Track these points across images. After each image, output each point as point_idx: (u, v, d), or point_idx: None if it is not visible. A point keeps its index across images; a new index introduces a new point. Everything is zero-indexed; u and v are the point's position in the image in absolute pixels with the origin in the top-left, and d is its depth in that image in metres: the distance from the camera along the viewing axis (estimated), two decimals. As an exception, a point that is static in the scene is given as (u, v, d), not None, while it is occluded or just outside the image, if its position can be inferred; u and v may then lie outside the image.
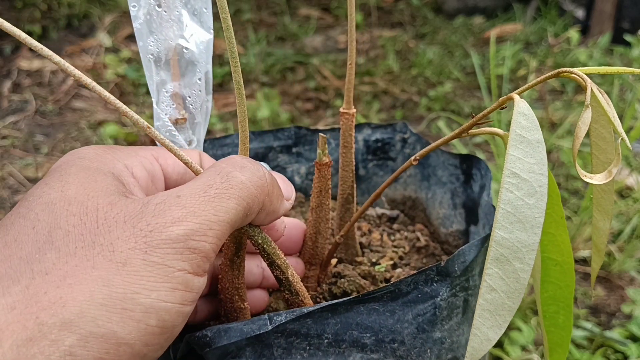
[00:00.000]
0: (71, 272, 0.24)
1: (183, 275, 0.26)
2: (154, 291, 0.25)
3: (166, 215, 0.26)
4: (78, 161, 0.30)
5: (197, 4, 0.37)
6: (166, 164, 0.34)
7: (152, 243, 0.25)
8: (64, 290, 0.24)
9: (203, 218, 0.27)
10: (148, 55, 0.37)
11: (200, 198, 0.27)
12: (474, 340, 0.31)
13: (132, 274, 0.25)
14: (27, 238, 0.26)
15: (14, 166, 1.58)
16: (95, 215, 0.26)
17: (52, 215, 0.26)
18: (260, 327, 0.30)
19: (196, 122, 0.41)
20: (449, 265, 0.34)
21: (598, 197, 0.35)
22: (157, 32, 0.36)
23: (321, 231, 0.40)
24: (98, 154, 0.31)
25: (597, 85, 0.30)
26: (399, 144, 0.55)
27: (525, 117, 0.30)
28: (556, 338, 0.36)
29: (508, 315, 0.30)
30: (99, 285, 0.24)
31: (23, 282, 0.24)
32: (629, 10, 2.11)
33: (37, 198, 0.28)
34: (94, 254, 0.25)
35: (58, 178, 0.29)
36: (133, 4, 0.35)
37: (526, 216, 0.30)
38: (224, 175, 0.29)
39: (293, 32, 2.46)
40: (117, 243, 0.25)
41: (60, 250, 0.25)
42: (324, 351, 0.32)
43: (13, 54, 2.21)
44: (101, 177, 0.29)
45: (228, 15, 0.29)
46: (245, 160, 0.31)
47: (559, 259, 0.34)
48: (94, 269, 0.25)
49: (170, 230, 0.26)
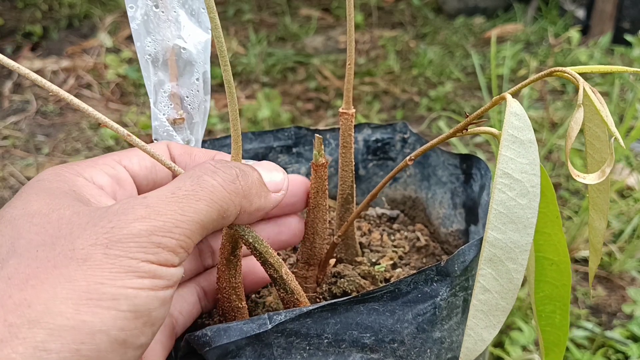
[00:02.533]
0: (33, 274, 0.25)
1: (148, 265, 0.26)
2: (118, 280, 0.25)
3: (128, 213, 0.26)
4: (37, 184, 0.30)
5: (194, 4, 0.37)
6: (131, 163, 0.34)
7: (113, 238, 0.26)
8: (27, 292, 0.24)
9: (168, 217, 0.27)
10: (145, 56, 0.37)
11: (166, 199, 0.28)
12: (468, 340, 0.31)
13: (93, 267, 0.25)
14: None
15: (15, 166, 1.58)
16: (58, 223, 0.27)
17: (15, 228, 0.27)
18: (260, 326, 0.30)
19: (194, 122, 0.41)
20: (449, 265, 0.34)
21: (594, 196, 0.35)
22: (154, 32, 0.36)
23: (319, 231, 0.40)
24: (56, 173, 0.31)
25: (597, 85, 0.30)
26: (399, 144, 0.55)
27: (517, 117, 0.30)
28: (552, 338, 0.36)
29: (502, 316, 0.30)
30: (61, 282, 0.24)
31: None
32: (630, 10, 2.11)
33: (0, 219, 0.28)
34: (54, 255, 0.25)
35: (19, 198, 0.29)
36: (130, 4, 0.35)
37: (519, 216, 0.30)
38: (195, 178, 0.29)
39: (294, 33, 2.46)
40: (77, 242, 0.26)
41: (22, 256, 0.26)
42: (323, 351, 0.32)
43: (14, 54, 2.21)
44: (62, 195, 0.29)
45: (216, 14, 0.29)
46: (218, 164, 0.31)
47: (555, 259, 0.34)
48: (55, 267, 0.25)
49: (133, 226, 0.26)
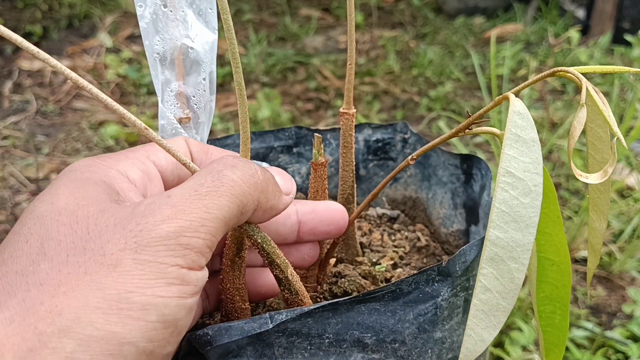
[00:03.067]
0: (64, 280, 0.25)
1: (177, 270, 0.26)
2: (148, 288, 0.25)
3: (156, 214, 0.26)
4: (69, 174, 0.30)
5: (202, 5, 0.37)
6: (158, 158, 0.34)
7: (142, 242, 0.25)
8: (58, 298, 0.24)
9: (194, 215, 0.27)
10: (154, 54, 0.37)
11: (190, 197, 0.27)
12: (468, 340, 0.30)
13: (123, 274, 0.25)
14: (21, 253, 0.26)
15: (15, 166, 1.58)
16: (86, 223, 0.26)
17: (43, 227, 0.27)
18: (261, 326, 0.30)
19: (200, 122, 0.41)
20: (450, 265, 0.34)
21: (594, 197, 0.35)
22: (162, 31, 0.36)
23: (320, 231, 0.40)
24: (88, 164, 0.31)
25: (597, 85, 0.30)
26: (400, 144, 0.55)
27: (520, 116, 0.30)
28: (552, 338, 0.36)
29: (502, 316, 0.30)
30: (92, 289, 0.24)
31: (19, 295, 0.24)
32: (630, 10, 2.11)
33: (29, 213, 0.28)
34: (85, 260, 0.25)
35: (48, 192, 0.29)
36: (139, 3, 0.36)
37: (521, 215, 0.30)
38: (215, 174, 0.29)
39: (294, 33, 2.46)
40: (107, 246, 0.25)
41: (53, 260, 0.25)
42: (325, 351, 0.32)
43: (14, 54, 2.21)
44: (92, 186, 0.29)
45: (229, 16, 0.29)
46: (236, 159, 0.31)
47: (555, 259, 0.34)
48: (86, 274, 0.25)
49: (160, 228, 0.26)
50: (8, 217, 1.40)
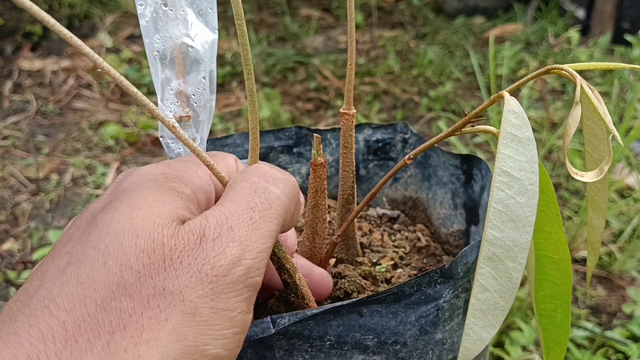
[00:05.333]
0: (147, 326, 0.24)
1: (242, 316, 0.26)
2: (220, 340, 0.25)
3: (227, 254, 0.26)
4: (149, 184, 0.29)
5: (202, 4, 0.37)
6: (217, 181, 0.33)
7: (217, 289, 0.25)
8: (142, 347, 0.24)
9: (256, 251, 0.27)
10: (154, 53, 0.37)
11: (249, 227, 0.27)
12: (466, 340, 0.30)
13: (201, 324, 0.25)
14: (99, 276, 0.25)
15: (15, 166, 1.58)
16: (162, 253, 0.26)
17: (122, 249, 0.26)
18: (264, 331, 0.30)
19: (200, 120, 0.41)
20: (453, 267, 0.34)
21: (592, 195, 0.35)
22: (163, 30, 0.36)
23: (318, 231, 0.40)
24: (167, 176, 0.30)
25: (597, 85, 0.30)
26: (400, 144, 0.55)
27: (515, 115, 0.30)
28: (554, 337, 0.35)
29: (501, 315, 0.30)
30: (172, 340, 0.24)
31: (103, 337, 0.24)
32: (630, 10, 2.11)
33: (106, 226, 0.27)
34: (166, 304, 0.25)
35: (127, 202, 0.28)
36: (140, 2, 0.36)
37: (518, 215, 0.29)
38: (261, 193, 0.29)
39: (294, 33, 2.46)
40: (186, 291, 0.25)
41: (135, 299, 0.25)
42: (325, 353, 0.32)
43: (14, 54, 2.21)
44: (169, 199, 0.28)
45: (244, 21, 0.29)
46: (274, 170, 0.31)
47: (555, 257, 0.34)
48: (167, 321, 0.25)
49: (233, 272, 0.26)
50: (8, 217, 1.40)
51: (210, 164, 0.31)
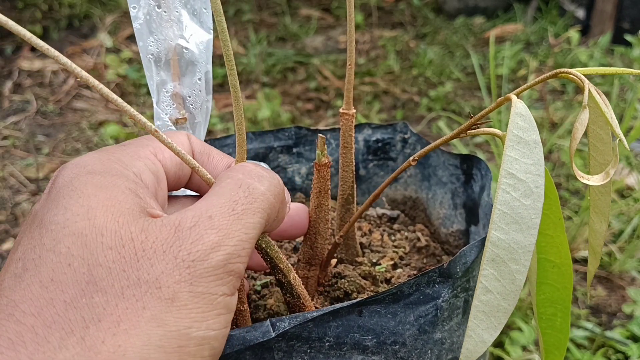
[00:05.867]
0: (124, 316, 0.24)
1: (224, 299, 0.26)
2: (204, 322, 0.25)
3: (204, 240, 0.26)
4: (90, 178, 0.28)
5: (196, 5, 0.37)
6: (164, 158, 0.33)
7: (195, 273, 0.25)
8: (120, 337, 0.24)
9: (237, 239, 0.27)
10: (148, 56, 0.37)
11: (230, 217, 0.27)
12: (468, 342, 0.30)
13: (181, 308, 0.25)
14: (65, 278, 0.25)
15: (15, 166, 1.58)
16: (132, 247, 0.26)
17: (87, 249, 0.25)
18: (264, 335, 0.30)
19: (196, 122, 0.41)
20: (451, 266, 0.34)
21: (595, 199, 0.35)
22: (157, 32, 0.36)
23: (321, 231, 0.40)
24: (105, 165, 0.29)
25: (597, 85, 0.30)
26: (400, 144, 0.55)
27: (522, 118, 0.30)
28: (553, 340, 0.35)
29: (503, 317, 0.30)
30: (153, 326, 0.24)
31: (77, 332, 0.23)
32: (630, 10, 2.11)
33: (61, 227, 0.26)
34: (142, 293, 0.25)
35: (77, 201, 0.27)
36: (133, 4, 0.35)
37: (522, 217, 0.29)
38: (245, 188, 0.29)
39: (294, 33, 2.46)
40: (162, 278, 0.25)
41: (107, 292, 0.24)
42: (325, 354, 0.32)
43: (14, 54, 2.21)
44: (122, 196, 0.28)
45: (223, 18, 0.29)
46: (259, 168, 0.31)
47: (556, 261, 0.34)
48: (145, 309, 0.24)
49: (211, 257, 0.26)
50: (8, 217, 1.40)
51: (195, 166, 0.31)
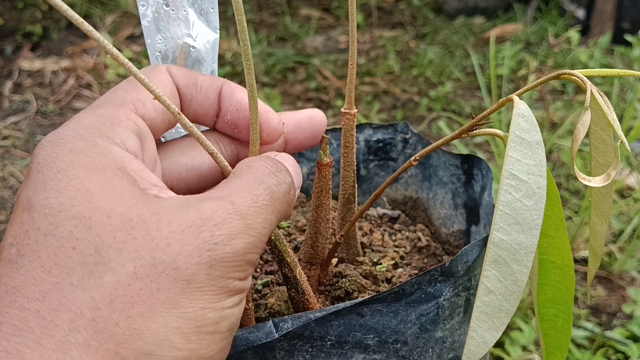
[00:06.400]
0: (138, 298, 0.23)
1: (239, 282, 0.26)
2: (218, 302, 0.25)
3: (228, 225, 0.26)
4: (75, 158, 0.26)
5: (203, 4, 0.37)
6: (146, 109, 0.31)
7: (216, 257, 0.25)
8: (135, 320, 0.23)
9: (257, 231, 0.27)
10: (156, 53, 0.37)
11: (252, 208, 0.27)
12: (470, 342, 0.30)
13: (196, 290, 0.24)
14: (70, 261, 0.23)
15: (15, 166, 1.58)
16: (145, 228, 0.24)
17: (92, 231, 0.24)
18: (267, 335, 0.30)
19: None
20: (453, 265, 0.34)
21: (596, 199, 0.35)
22: (164, 30, 0.36)
23: (322, 231, 0.40)
24: (86, 141, 0.27)
25: (597, 85, 0.30)
26: (400, 144, 0.55)
27: (524, 119, 0.30)
28: (555, 341, 0.35)
29: (505, 318, 0.30)
30: (168, 309, 0.24)
31: (87, 314, 0.23)
32: (630, 10, 2.11)
33: (57, 211, 0.24)
34: (157, 273, 0.24)
35: (69, 184, 0.25)
36: (142, 2, 0.36)
37: (525, 218, 0.29)
38: (266, 187, 0.29)
39: (294, 33, 2.46)
40: (180, 259, 0.24)
41: (118, 273, 0.23)
42: (326, 352, 0.32)
43: (14, 54, 2.21)
44: (116, 179, 0.26)
45: (244, 17, 0.29)
46: (277, 171, 0.31)
47: (558, 262, 0.34)
48: (160, 290, 0.24)
49: (234, 243, 0.25)
50: (8, 217, 1.40)
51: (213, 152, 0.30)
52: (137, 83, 0.30)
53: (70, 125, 0.28)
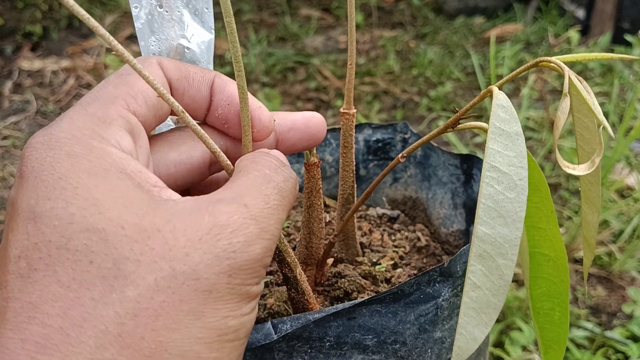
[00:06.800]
0: (161, 310, 0.23)
1: (256, 288, 0.26)
2: (238, 310, 0.25)
3: (245, 231, 0.25)
4: (75, 163, 0.25)
5: (198, 4, 0.37)
6: (138, 105, 0.30)
7: (235, 265, 0.25)
8: (160, 333, 0.23)
9: (271, 233, 0.27)
10: (150, 55, 0.37)
11: (265, 210, 0.27)
12: (460, 339, 0.30)
13: (218, 300, 0.24)
14: (89, 275, 0.23)
15: (15, 166, 1.58)
16: (161, 237, 0.24)
17: (108, 244, 0.23)
18: (265, 337, 0.30)
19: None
20: (452, 265, 0.34)
21: (585, 189, 0.34)
22: (158, 32, 0.36)
23: (315, 231, 0.40)
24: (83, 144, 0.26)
25: (597, 85, 0.29)
26: (400, 144, 0.55)
27: (504, 110, 0.30)
28: (552, 335, 0.35)
29: (494, 313, 0.29)
30: (192, 320, 0.24)
31: (112, 329, 0.22)
32: (630, 10, 2.11)
33: (67, 223, 0.24)
34: (178, 285, 0.24)
35: (76, 193, 0.24)
36: (135, 4, 0.35)
37: (507, 210, 0.29)
38: (275, 185, 0.28)
39: (294, 33, 2.46)
40: (200, 269, 0.24)
41: (139, 285, 0.23)
42: (325, 354, 0.32)
43: (14, 54, 2.21)
44: (122, 183, 0.25)
45: (232, 19, 0.29)
46: (281, 167, 0.30)
47: (551, 254, 0.33)
48: (182, 302, 0.23)
49: (252, 250, 0.25)
50: (8, 217, 1.40)
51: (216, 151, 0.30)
52: (126, 77, 0.30)
53: (63, 126, 0.27)
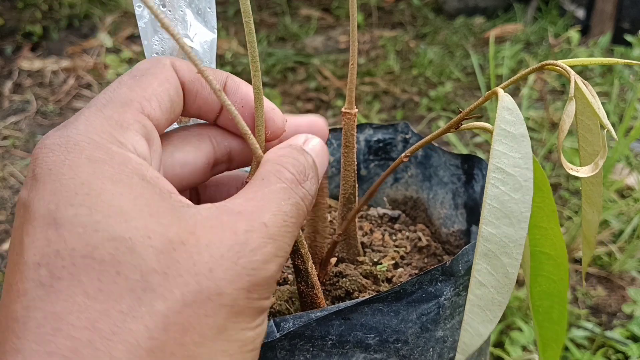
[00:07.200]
0: (188, 325, 0.24)
1: (267, 302, 0.27)
2: (253, 322, 0.26)
3: (263, 250, 0.26)
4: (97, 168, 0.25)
5: (201, 4, 0.37)
6: (152, 108, 0.29)
7: (254, 282, 0.26)
8: (188, 347, 0.23)
9: (285, 251, 0.28)
10: (153, 54, 0.37)
11: (282, 228, 0.27)
12: (465, 335, 0.31)
13: (238, 314, 0.25)
14: (117, 287, 0.23)
15: (15, 166, 1.58)
16: (186, 250, 0.24)
17: (135, 254, 0.23)
18: (268, 335, 0.30)
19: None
20: (454, 265, 0.34)
21: (587, 189, 0.35)
22: (161, 31, 0.36)
23: (319, 230, 0.40)
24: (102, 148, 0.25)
25: (597, 85, 0.30)
26: (401, 144, 0.55)
27: (509, 112, 0.30)
28: (550, 333, 0.35)
29: (498, 310, 0.30)
30: (216, 335, 0.24)
31: (143, 344, 0.22)
32: (630, 10, 2.11)
33: (92, 230, 0.23)
34: (203, 300, 0.24)
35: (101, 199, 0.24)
36: (138, 3, 0.36)
37: (512, 211, 0.29)
38: (294, 202, 0.29)
39: (294, 33, 2.46)
40: (223, 285, 0.25)
41: (167, 299, 0.23)
42: (327, 352, 0.32)
43: (14, 54, 2.21)
44: (147, 192, 0.25)
45: (251, 19, 0.29)
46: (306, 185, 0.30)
47: (552, 253, 0.34)
48: (207, 316, 0.24)
49: (268, 268, 0.26)
50: (8, 217, 1.40)
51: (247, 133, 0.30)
52: (140, 78, 0.29)
53: (80, 128, 0.26)
